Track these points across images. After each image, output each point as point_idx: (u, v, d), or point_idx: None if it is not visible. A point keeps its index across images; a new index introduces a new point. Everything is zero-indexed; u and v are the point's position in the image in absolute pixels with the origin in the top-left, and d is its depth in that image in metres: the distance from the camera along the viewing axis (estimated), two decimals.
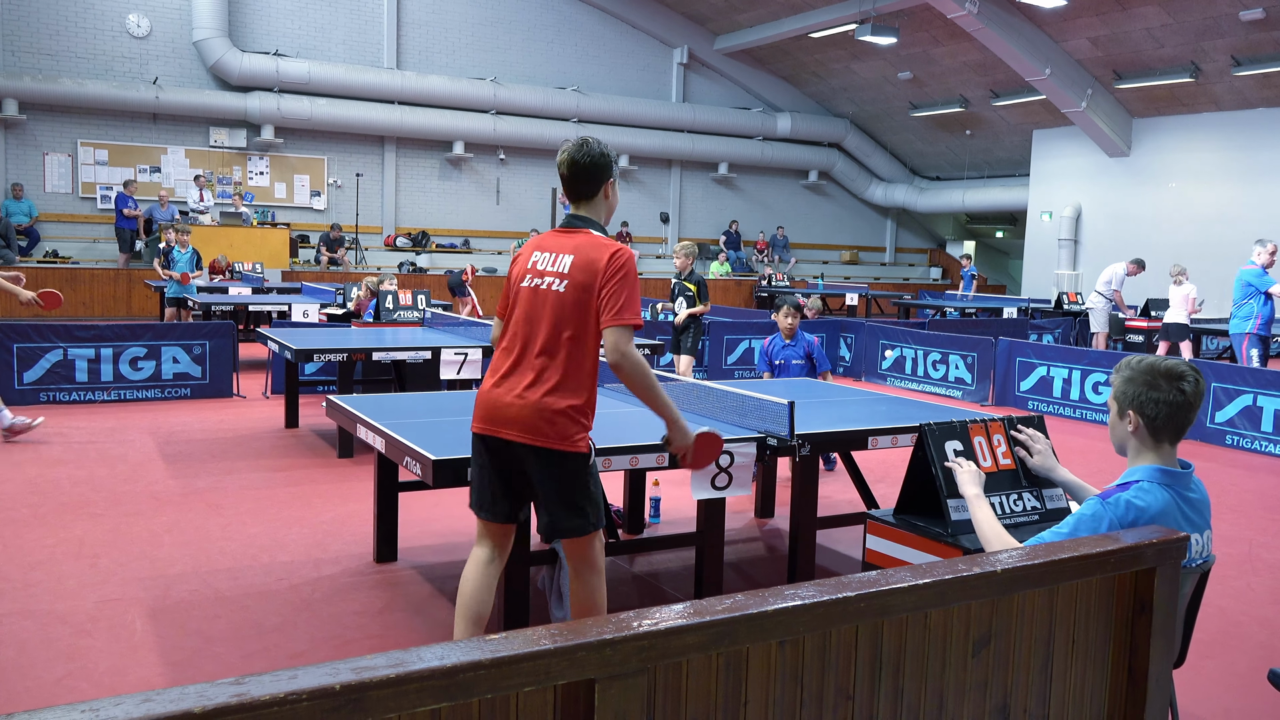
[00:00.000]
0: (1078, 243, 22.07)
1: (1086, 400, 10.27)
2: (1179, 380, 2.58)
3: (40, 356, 9.01)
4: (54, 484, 6.32)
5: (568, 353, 3.25)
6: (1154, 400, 2.59)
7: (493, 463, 3.37)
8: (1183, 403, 2.58)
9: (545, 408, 3.22)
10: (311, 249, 19.72)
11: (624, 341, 3.18)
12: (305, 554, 5.10)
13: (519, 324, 3.33)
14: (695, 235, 24.80)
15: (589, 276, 3.23)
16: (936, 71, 22.00)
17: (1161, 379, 2.59)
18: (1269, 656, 4.23)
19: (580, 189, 3.41)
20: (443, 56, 21.27)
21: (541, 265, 3.33)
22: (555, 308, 3.26)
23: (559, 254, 3.31)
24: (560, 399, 3.24)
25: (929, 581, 2.00)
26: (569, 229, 3.39)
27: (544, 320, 3.27)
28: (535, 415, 3.23)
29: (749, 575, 5.13)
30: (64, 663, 3.76)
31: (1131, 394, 2.62)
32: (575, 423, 3.26)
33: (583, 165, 3.38)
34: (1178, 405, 2.58)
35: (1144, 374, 2.61)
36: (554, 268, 3.30)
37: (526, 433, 3.24)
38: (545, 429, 3.22)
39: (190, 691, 1.30)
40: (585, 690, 1.60)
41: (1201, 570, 2.67)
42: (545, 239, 3.42)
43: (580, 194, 3.42)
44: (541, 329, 3.27)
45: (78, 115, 18.30)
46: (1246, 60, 17.53)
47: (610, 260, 3.23)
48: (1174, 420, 2.59)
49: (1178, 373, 2.59)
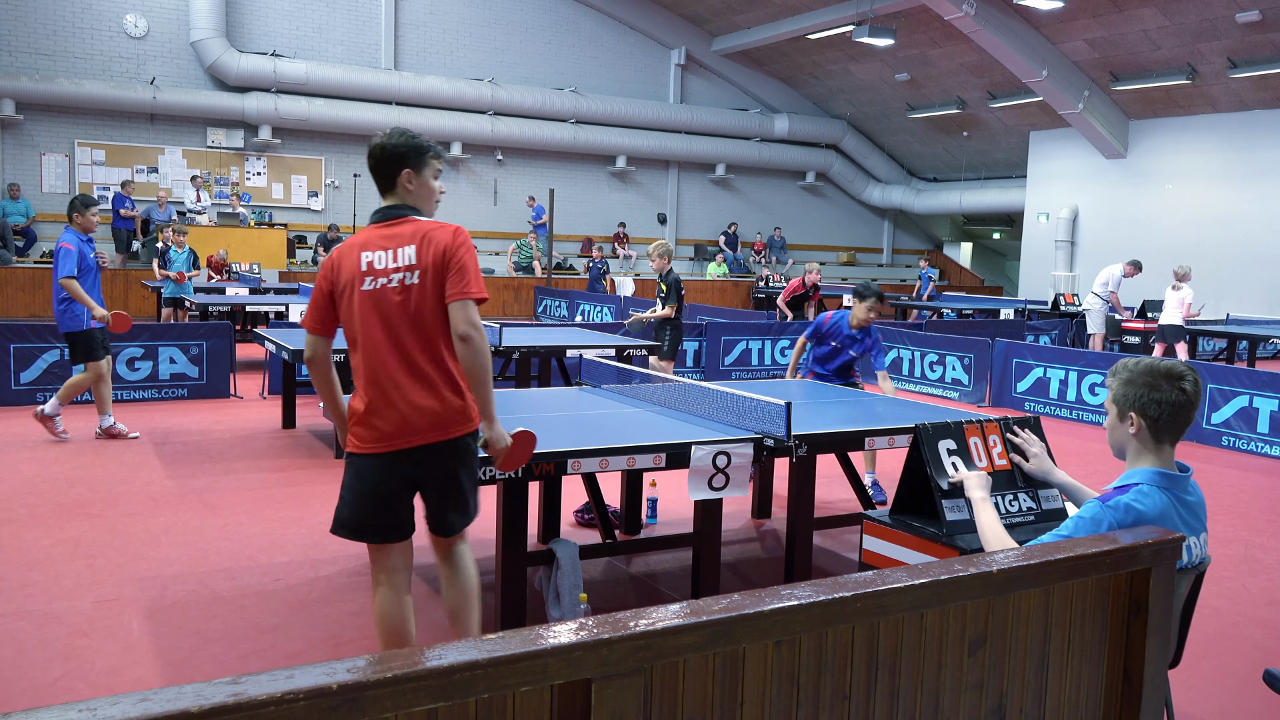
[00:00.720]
0: (1074, 244, 22.10)
1: (1083, 401, 10.28)
2: (1179, 380, 2.59)
3: (37, 357, 9.00)
4: (51, 484, 6.31)
5: (444, 344, 3.19)
6: (1156, 401, 2.59)
7: (390, 481, 3.21)
8: (1184, 402, 2.59)
9: (451, 406, 3.20)
10: (309, 249, 19.72)
11: (472, 313, 3.13)
12: (302, 554, 5.10)
13: (376, 331, 3.18)
14: (693, 236, 24.82)
15: (439, 260, 3.15)
16: (934, 73, 22.02)
17: (1162, 379, 2.59)
18: (1265, 657, 4.24)
19: (381, 178, 3.30)
20: (440, 57, 21.27)
21: (380, 264, 3.18)
22: (418, 302, 3.16)
23: (397, 248, 3.18)
24: (457, 390, 3.22)
25: (925, 582, 2.00)
26: (393, 221, 3.25)
27: (405, 320, 3.16)
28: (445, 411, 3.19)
29: (746, 576, 5.13)
30: (61, 663, 3.76)
31: (1132, 396, 2.63)
32: (469, 404, 3.25)
33: (379, 155, 3.29)
34: (1179, 405, 2.59)
35: (1144, 375, 2.62)
36: (397, 263, 3.17)
37: (441, 430, 3.19)
38: (457, 420, 3.21)
39: (187, 691, 1.30)
40: (582, 690, 1.60)
41: (1197, 571, 2.67)
42: (369, 237, 3.24)
43: (384, 183, 3.31)
44: (407, 329, 3.16)
45: (75, 115, 18.29)
46: (1243, 62, 17.56)
47: (454, 238, 3.18)
48: (1176, 420, 2.60)
49: (1177, 373, 2.60)
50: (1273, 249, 18.68)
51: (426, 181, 3.32)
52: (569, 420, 4.73)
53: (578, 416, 4.82)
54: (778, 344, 12.67)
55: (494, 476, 3.61)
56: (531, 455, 3.43)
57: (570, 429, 4.52)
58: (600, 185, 23.56)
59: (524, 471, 3.68)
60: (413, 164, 3.28)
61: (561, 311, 17.94)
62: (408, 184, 3.29)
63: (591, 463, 3.83)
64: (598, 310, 16.49)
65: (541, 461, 3.71)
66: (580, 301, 17.34)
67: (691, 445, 4.00)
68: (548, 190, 20.89)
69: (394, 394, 3.16)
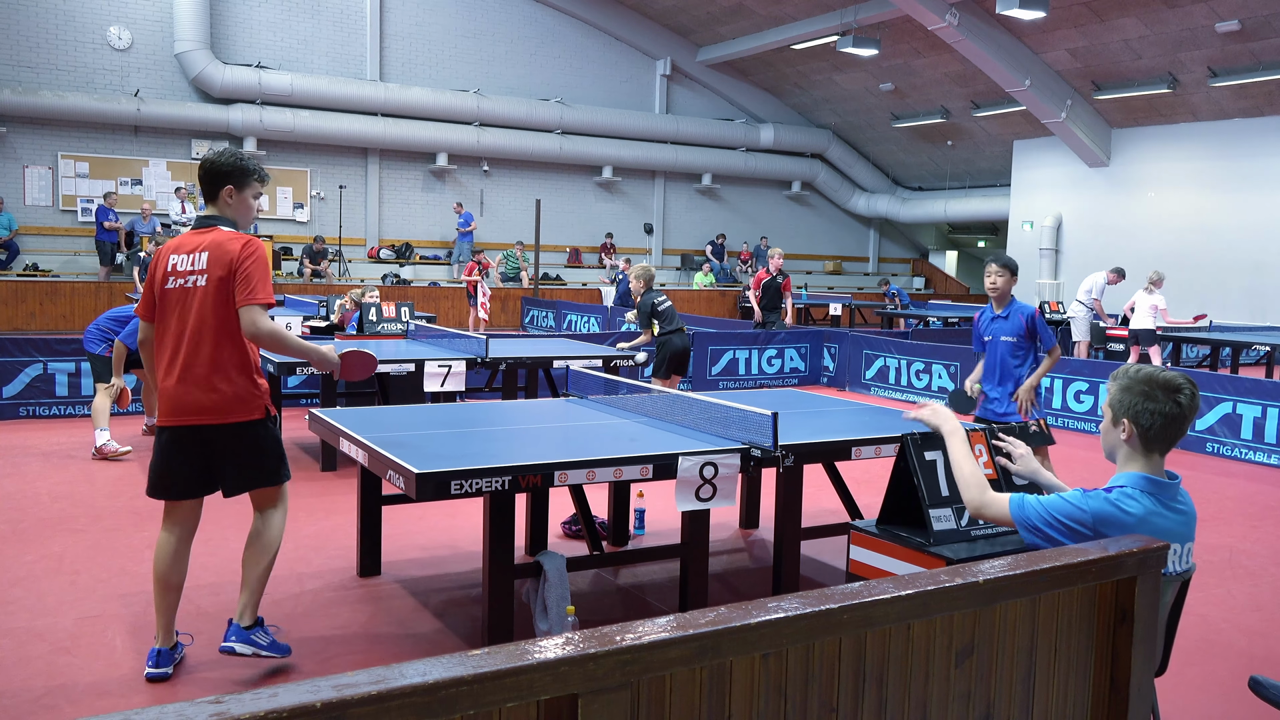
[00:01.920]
0: (1059, 252, 22.23)
1: (1068, 409, 10.32)
2: (1175, 393, 2.60)
3: (20, 371, 8.93)
4: (34, 499, 6.26)
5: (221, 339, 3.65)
6: (1149, 411, 2.61)
7: (182, 449, 3.72)
8: (1178, 415, 2.60)
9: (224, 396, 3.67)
10: (294, 261, 19.66)
11: (257, 316, 3.62)
12: (288, 569, 5.07)
13: (174, 323, 3.70)
14: (679, 246, 24.86)
15: (225, 268, 3.63)
16: (918, 83, 22.15)
17: (1159, 390, 2.61)
18: (1250, 664, 4.26)
19: (206, 190, 3.81)
20: (426, 68, 21.27)
21: (181, 267, 3.69)
22: (201, 302, 3.64)
23: (195, 253, 3.68)
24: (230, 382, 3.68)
25: (912, 593, 2.00)
26: (201, 229, 3.76)
27: (193, 316, 3.65)
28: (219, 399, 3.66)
29: (734, 586, 5.13)
30: (43, 680, 3.73)
31: (1128, 403, 2.64)
32: (251, 395, 3.74)
33: (206, 169, 3.78)
34: (1172, 417, 2.60)
35: (1141, 384, 2.63)
36: (192, 266, 3.67)
37: (217, 415, 3.67)
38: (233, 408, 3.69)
39: (169, 710, 1.29)
40: (568, 705, 1.60)
41: (1182, 579, 2.68)
42: (182, 240, 3.77)
43: (208, 195, 3.81)
44: (194, 326, 3.66)
45: (58, 128, 18.21)
46: (1223, 71, 17.73)
47: (242, 249, 3.64)
48: (1167, 431, 2.62)
49: (1175, 385, 2.61)
50: (1254, 256, 18.83)
51: (245, 199, 3.82)
52: (556, 432, 4.72)
53: (565, 428, 4.81)
54: (764, 353, 12.68)
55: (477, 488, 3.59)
56: (374, 368, 4.23)
57: (557, 440, 4.51)
58: (586, 195, 23.59)
59: (510, 484, 3.68)
60: (235, 182, 3.79)
61: (549, 322, 17.93)
62: (228, 198, 3.80)
63: (579, 474, 3.82)
64: (585, 321, 16.48)
65: (528, 473, 3.71)
66: (567, 312, 17.34)
67: (679, 456, 3.99)
68: (534, 201, 20.92)
69: (185, 378, 3.67)
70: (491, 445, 4.30)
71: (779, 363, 12.74)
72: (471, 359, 7.33)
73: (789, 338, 12.93)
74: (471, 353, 7.57)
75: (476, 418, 5.01)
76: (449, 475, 3.56)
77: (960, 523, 3.12)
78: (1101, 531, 2.55)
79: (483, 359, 7.36)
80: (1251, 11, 15.96)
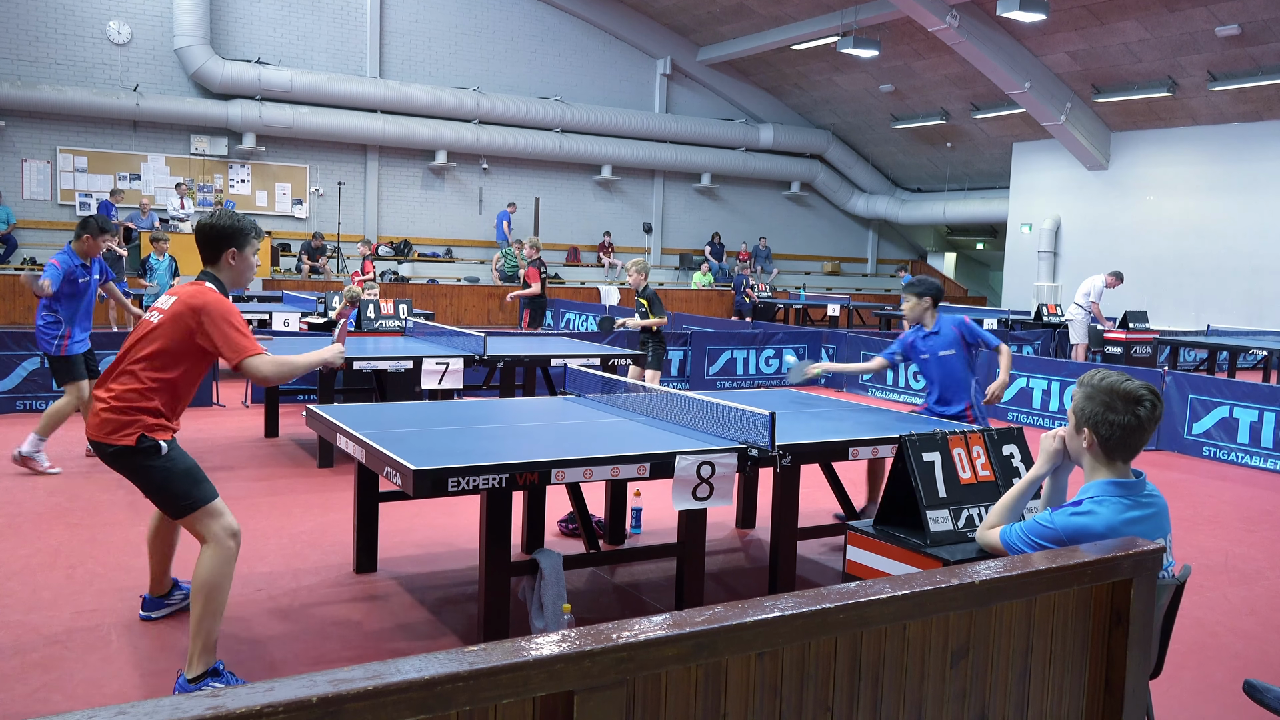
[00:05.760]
0: (1057, 255, 22.25)
1: (1066, 412, 10.33)
2: (1135, 404, 2.61)
3: (16, 365, 8.92)
4: (30, 493, 6.26)
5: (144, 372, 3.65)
6: (1109, 422, 2.62)
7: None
8: (1136, 426, 2.62)
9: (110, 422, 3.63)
10: (293, 258, 19.64)
11: (255, 366, 3.66)
12: (284, 564, 5.07)
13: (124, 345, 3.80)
14: (678, 246, 24.86)
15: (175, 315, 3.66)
16: (917, 84, 22.15)
17: (1120, 401, 2.61)
18: (1245, 667, 4.27)
19: (205, 253, 3.85)
20: (426, 66, 21.26)
21: (160, 304, 3.80)
22: (148, 332, 3.70)
23: (170, 297, 3.78)
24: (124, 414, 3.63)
25: (907, 593, 2.01)
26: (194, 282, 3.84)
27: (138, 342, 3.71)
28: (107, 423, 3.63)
29: (730, 585, 5.13)
30: (39, 674, 3.72)
31: (1089, 412, 2.66)
32: (134, 422, 3.64)
33: (205, 232, 3.84)
34: (1130, 429, 2.62)
35: (1103, 394, 2.64)
36: (164, 306, 3.77)
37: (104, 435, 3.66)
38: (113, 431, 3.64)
39: (165, 704, 1.29)
40: (564, 702, 1.60)
41: (1177, 583, 2.69)
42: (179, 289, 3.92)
43: (207, 257, 3.85)
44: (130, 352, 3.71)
45: (57, 122, 18.18)
46: (1222, 75, 17.75)
47: (196, 315, 3.63)
48: (1126, 442, 2.64)
49: (1135, 396, 2.61)
50: (1252, 260, 18.85)
51: (247, 258, 3.88)
52: (553, 430, 4.72)
53: (562, 426, 4.81)
54: (762, 354, 12.69)
55: (478, 487, 3.60)
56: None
57: (554, 439, 4.51)
58: (585, 194, 23.58)
59: (507, 482, 3.68)
60: (238, 243, 3.84)
61: (546, 320, 17.92)
62: (231, 260, 3.85)
63: (576, 472, 3.82)
64: (582, 319, 16.47)
65: (526, 471, 3.71)
66: (565, 311, 17.33)
67: (676, 455, 3.99)
68: (533, 199, 20.91)
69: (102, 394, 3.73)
70: (489, 443, 4.30)
71: (776, 363, 12.75)
72: (469, 357, 7.33)
73: (787, 338, 12.94)
74: (469, 350, 7.56)
75: (474, 415, 5.01)
76: (446, 472, 3.56)
77: (957, 524, 3.13)
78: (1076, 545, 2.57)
79: (480, 357, 7.36)
80: (1251, 16, 15.98)
